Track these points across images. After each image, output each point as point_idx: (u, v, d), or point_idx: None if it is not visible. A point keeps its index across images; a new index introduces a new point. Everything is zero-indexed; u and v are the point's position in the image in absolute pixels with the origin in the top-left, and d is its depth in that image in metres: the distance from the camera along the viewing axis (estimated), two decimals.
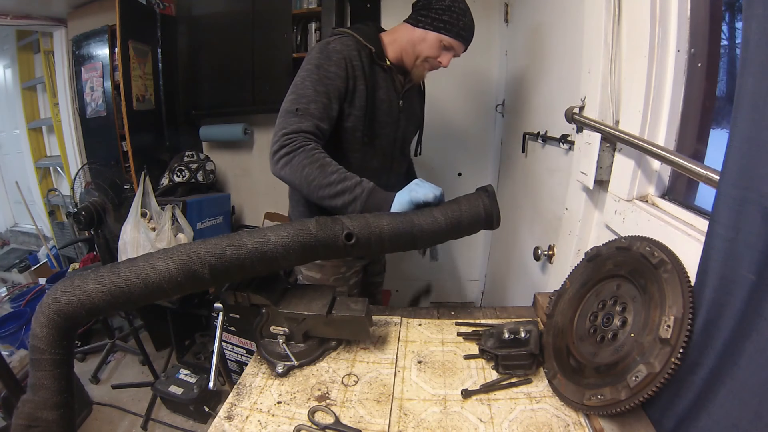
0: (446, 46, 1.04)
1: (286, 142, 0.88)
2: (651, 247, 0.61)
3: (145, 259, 0.67)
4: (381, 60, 1.06)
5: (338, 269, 1.22)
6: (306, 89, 0.93)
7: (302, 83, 0.95)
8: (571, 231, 1.03)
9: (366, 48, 1.03)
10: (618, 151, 0.84)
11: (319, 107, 0.93)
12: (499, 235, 2.11)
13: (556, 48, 1.30)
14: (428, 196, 0.83)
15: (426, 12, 1.03)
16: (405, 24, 1.08)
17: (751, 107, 0.44)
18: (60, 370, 0.65)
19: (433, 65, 1.08)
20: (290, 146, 0.88)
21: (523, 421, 0.63)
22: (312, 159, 0.87)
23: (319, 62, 0.96)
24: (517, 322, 0.77)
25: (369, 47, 1.03)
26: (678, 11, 0.72)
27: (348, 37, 1.03)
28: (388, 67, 1.08)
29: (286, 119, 0.91)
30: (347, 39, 1.02)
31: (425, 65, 1.08)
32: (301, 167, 0.87)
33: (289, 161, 0.88)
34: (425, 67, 1.09)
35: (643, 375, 0.51)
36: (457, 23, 1.02)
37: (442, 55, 1.06)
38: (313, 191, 0.88)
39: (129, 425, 1.91)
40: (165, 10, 2.38)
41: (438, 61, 1.07)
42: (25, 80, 3.15)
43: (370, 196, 0.86)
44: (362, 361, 0.79)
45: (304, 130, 0.90)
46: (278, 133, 0.90)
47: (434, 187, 0.85)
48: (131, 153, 2.29)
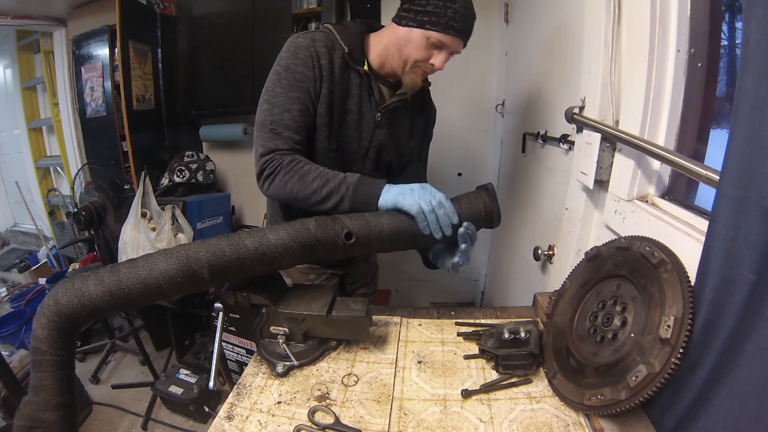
0: (435, 44, 0.86)
1: (265, 165, 0.86)
2: (651, 247, 0.61)
3: (145, 260, 0.67)
4: (356, 63, 0.92)
5: (306, 276, 1.16)
6: (278, 97, 0.88)
7: (273, 89, 0.89)
8: (571, 231, 1.03)
9: (340, 48, 0.91)
10: (618, 151, 0.84)
11: (294, 116, 0.88)
12: (499, 235, 2.11)
13: (556, 48, 1.30)
14: (412, 209, 0.75)
15: (409, 5, 0.86)
16: (392, 23, 0.92)
17: (751, 107, 0.44)
18: (61, 371, 0.65)
19: (425, 69, 0.91)
20: (269, 167, 0.86)
21: (523, 421, 0.63)
22: (291, 173, 0.85)
23: (287, 63, 0.89)
24: (517, 322, 0.77)
25: (343, 47, 0.91)
26: (678, 11, 0.72)
27: (322, 32, 0.92)
28: (364, 72, 0.93)
29: (261, 135, 0.88)
30: (319, 34, 0.91)
31: (417, 71, 0.91)
32: (283, 184, 0.85)
33: (271, 182, 0.86)
34: (418, 74, 0.91)
35: (643, 375, 0.51)
36: (443, 13, 0.83)
37: (433, 55, 0.88)
38: (302, 203, 0.85)
39: (129, 425, 1.91)
40: (165, 10, 2.38)
41: (430, 64, 0.88)
42: (25, 80, 3.15)
43: (357, 192, 0.82)
44: (362, 361, 0.80)
45: (279, 148, 0.87)
46: (257, 153, 0.88)
47: (425, 201, 0.75)
48: (131, 153, 2.29)
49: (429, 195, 0.77)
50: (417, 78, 0.92)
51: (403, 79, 0.93)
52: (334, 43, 0.91)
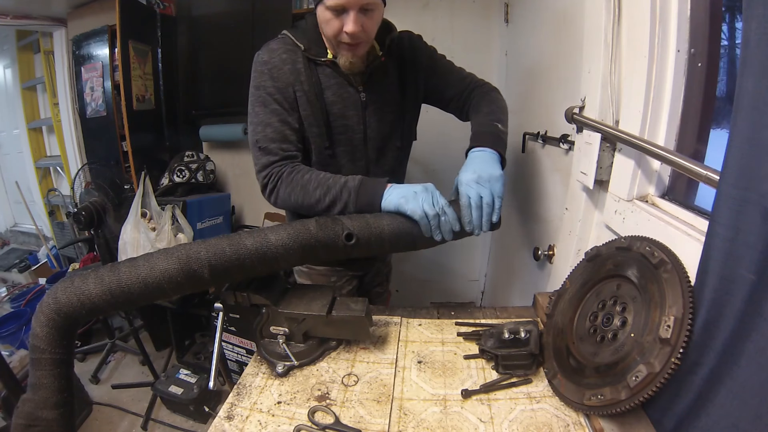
0: (335, 8, 0.80)
1: (265, 180, 0.90)
2: (651, 247, 0.61)
3: (145, 259, 0.67)
4: (318, 56, 0.92)
5: (327, 278, 1.18)
6: (258, 116, 0.91)
7: (253, 110, 0.92)
8: (571, 231, 1.03)
9: (298, 48, 0.92)
10: (618, 151, 0.84)
11: (276, 127, 0.90)
12: (499, 235, 2.11)
13: (556, 48, 1.30)
14: (415, 214, 0.77)
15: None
16: None
17: (751, 107, 0.44)
18: (60, 370, 0.65)
19: (346, 41, 0.85)
20: (270, 183, 0.90)
21: (523, 421, 0.63)
22: (293, 185, 0.87)
23: (257, 83, 0.91)
24: (517, 322, 0.77)
25: (299, 46, 0.92)
26: (678, 11, 0.72)
27: (279, 40, 0.94)
28: (330, 61, 0.92)
29: (254, 155, 0.92)
30: (276, 43, 0.93)
31: (342, 47, 0.87)
32: (287, 196, 0.88)
33: (276, 196, 0.90)
34: (345, 49, 0.87)
35: (643, 375, 0.51)
36: None
37: (344, 22, 0.81)
38: (309, 211, 0.87)
39: (129, 425, 1.91)
40: (165, 10, 2.38)
41: (344, 33, 0.82)
42: (25, 80, 3.15)
43: (359, 196, 0.83)
44: (362, 361, 0.79)
45: (272, 161, 0.90)
46: (256, 169, 0.92)
47: (429, 205, 0.77)
48: (131, 153, 2.29)
49: (431, 199, 0.78)
50: (348, 55, 0.88)
51: (338, 60, 0.90)
52: (293, 46, 0.93)
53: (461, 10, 2.07)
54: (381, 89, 0.99)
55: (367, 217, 0.80)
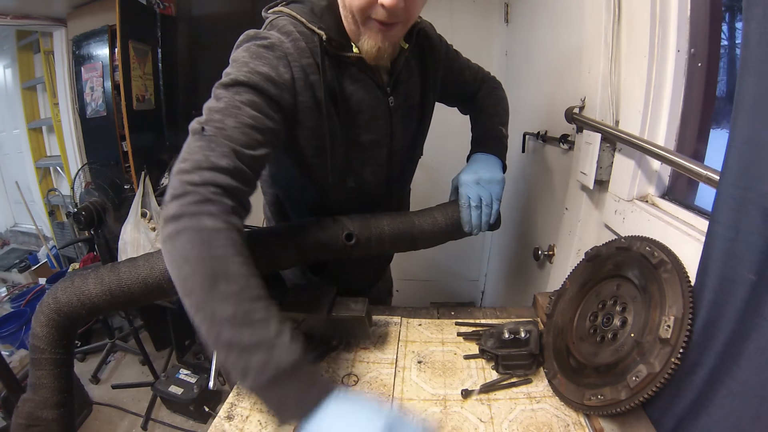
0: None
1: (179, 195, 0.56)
2: (651, 247, 0.61)
3: (145, 259, 0.67)
4: (341, 49, 0.68)
5: None
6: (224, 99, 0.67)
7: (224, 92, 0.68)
8: (571, 231, 1.03)
9: (314, 35, 0.66)
10: (618, 151, 0.84)
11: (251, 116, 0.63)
12: (499, 235, 2.11)
13: (556, 48, 1.30)
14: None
15: None
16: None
17: (751, 107, 0.44)
18: (60, 370, 0.65)
19: (380, 18, 0.62)
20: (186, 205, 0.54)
21: (523, 421, 0.63)
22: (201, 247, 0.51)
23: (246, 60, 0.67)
24: (517, 322, 0.77)
25: (319, 33, 0.66)
26: (678, 11, 0.72)
27: (284, 18, 0.69)
28: (356, 57, 0.69)
29: (191, 144, 0.68)
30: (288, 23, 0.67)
31: (371, 25, 0.64)
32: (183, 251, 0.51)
33: (174, 232, 0.52)
34: (374, 30, 0.65)
35: (643, 375, 0.51)
36: None
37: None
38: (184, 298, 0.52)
39: (129, 425, 1.91)
40: (165, 10, 2.38)
41: (379, 6, 0.60)
42: (25, 80, 3.15)
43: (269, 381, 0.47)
44: (362, 361, 0.79)
45: (217, 167, 0.61)
46: (182, 156, 0.66)
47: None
48: (131, 153, 2.29)
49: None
50: (378, 38, 0.65)
51: (361, 46, 0.68)
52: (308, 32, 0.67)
53: (461, 10, 2.07)
54: (406, 90, 0.79)
55: (367, 216, 0.80)
